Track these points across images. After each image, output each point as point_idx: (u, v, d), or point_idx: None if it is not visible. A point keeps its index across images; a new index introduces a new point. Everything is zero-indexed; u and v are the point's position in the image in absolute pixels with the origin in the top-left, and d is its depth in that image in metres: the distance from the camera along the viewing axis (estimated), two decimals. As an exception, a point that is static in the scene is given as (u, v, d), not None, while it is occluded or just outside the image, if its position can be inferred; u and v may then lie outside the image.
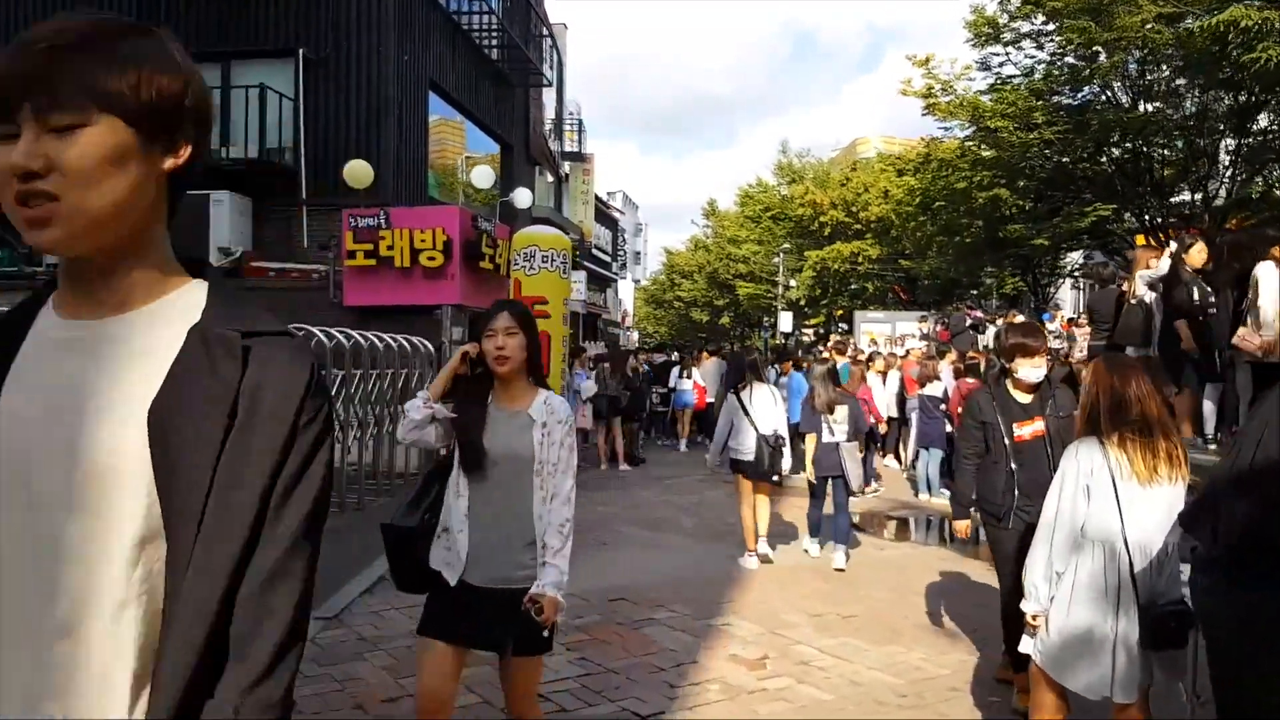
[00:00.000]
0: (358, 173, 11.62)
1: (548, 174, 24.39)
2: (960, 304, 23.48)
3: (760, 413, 6.89)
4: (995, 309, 22.91)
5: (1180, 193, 19.19)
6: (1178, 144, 17.97)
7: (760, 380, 7.17)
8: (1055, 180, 19.96)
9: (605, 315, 35.12)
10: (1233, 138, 17.36)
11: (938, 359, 11.08)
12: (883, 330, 22.53)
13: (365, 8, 12.96)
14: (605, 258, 36.44)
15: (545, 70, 20.05)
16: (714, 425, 8.25)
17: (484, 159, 16.45)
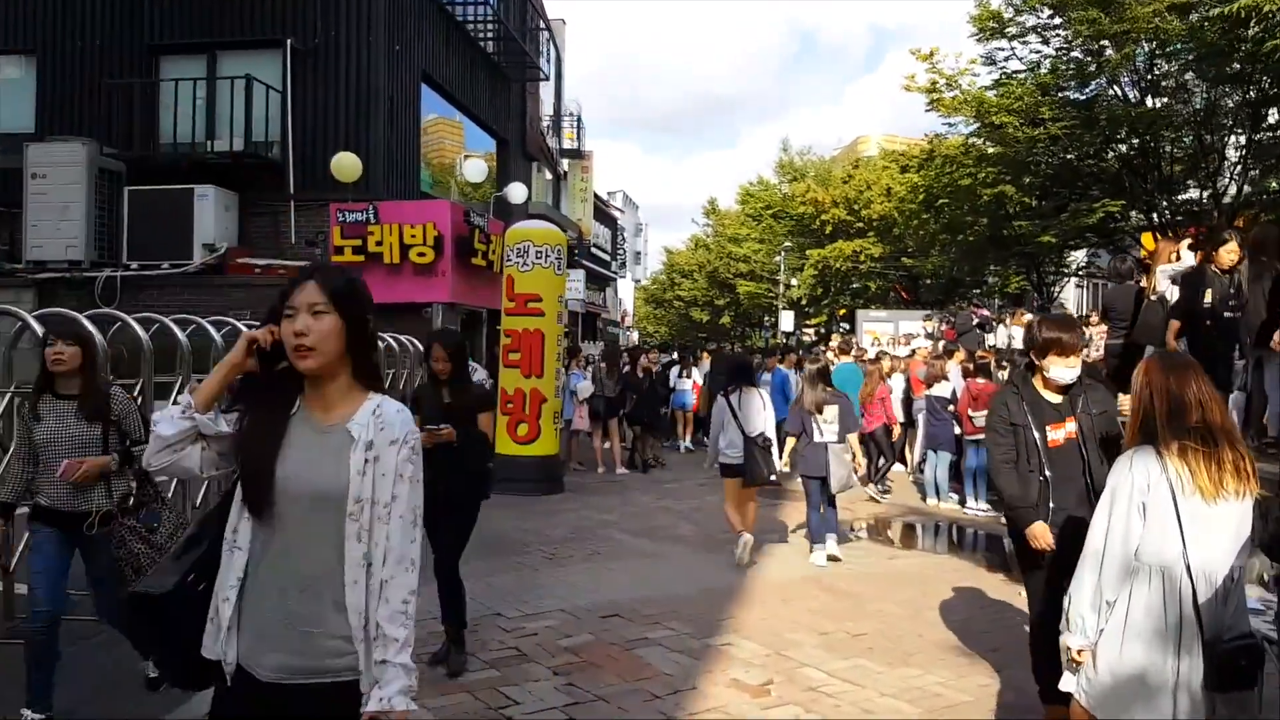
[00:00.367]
0: (345, 165, 11.24)
1: (546, 171, 24.01)
2: (964, 303, 23.15)
3: (747, 416, 6.86)
4: (998, 308, 22.58)
5: (1188, 189, 18.86)
6: (1186, 139, 17.62)
7: (751, 385, 7.15)
8: (1061, 177, 19.62)
9: (605, 315, 34.76)
10: (1243, 133, 17.03)
11: (946, 358, 10.70)
12: (885, 330, 22.20)
13: (355, -3, 12.58)
14: (604, 256, 36.08)
15: (542, 64, 19.67)
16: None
17: (478, 154, 16.08)
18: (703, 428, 14.24)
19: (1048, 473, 3.49)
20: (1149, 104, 17.43)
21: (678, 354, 18.68)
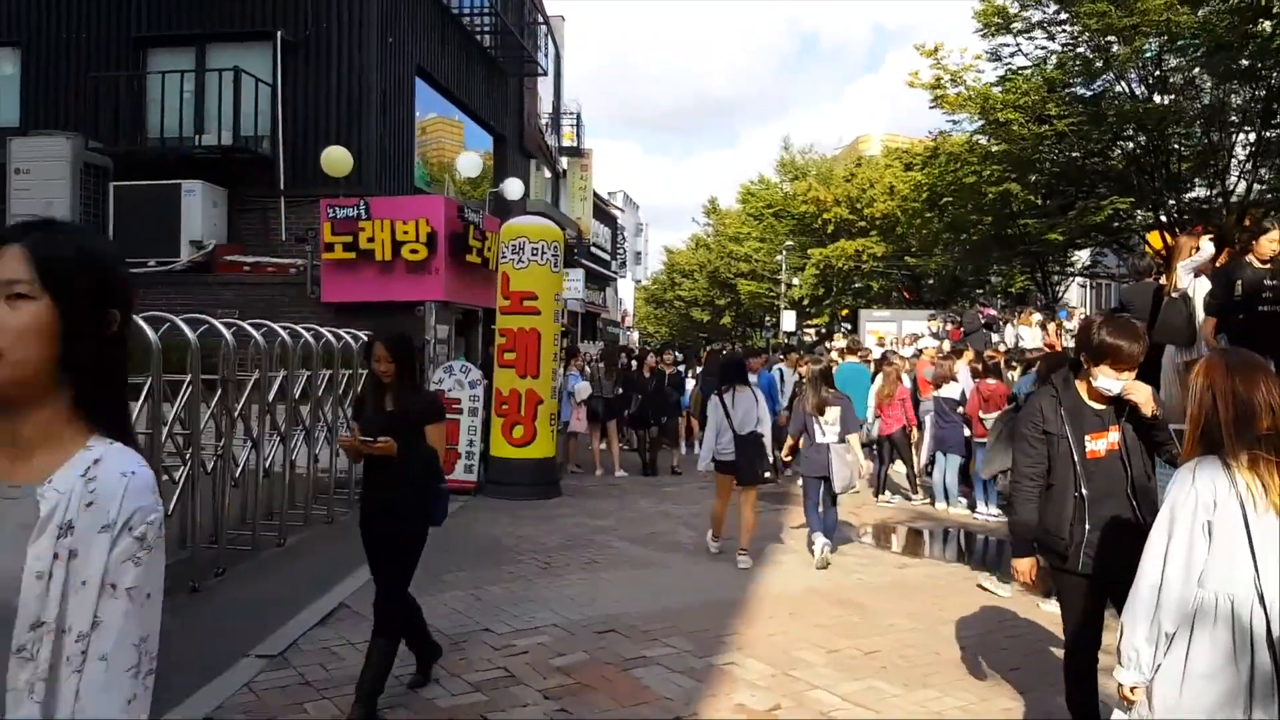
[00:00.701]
0: (336, 160, 10.93)
1: (545, 169, 23.69)
2: (968, 302, 22.84)
3: (741, 415, 6.86)
4: (1002, 308, 22.28)
5: (1196, 187, 18.59)
6: (1195, 136, 17.34)
7: (744, 383, 7.13)
8: (1067, 174, 19.35)
9: (605, 315, 34.45)
10: (1252, 130, 16.75)
11: (954, 359, 10.38)
12: (889, 330, 21.87)
13: (347, -12, 12.27)
14: (604, 256, 35.76)
15: (540, 59, 19.36)
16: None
17: (474, 150, 15.75)
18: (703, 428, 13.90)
19: (1084, 490, 3.11)
20: (1157, 100, 17.14)
21: (678, 354, 18.38)
